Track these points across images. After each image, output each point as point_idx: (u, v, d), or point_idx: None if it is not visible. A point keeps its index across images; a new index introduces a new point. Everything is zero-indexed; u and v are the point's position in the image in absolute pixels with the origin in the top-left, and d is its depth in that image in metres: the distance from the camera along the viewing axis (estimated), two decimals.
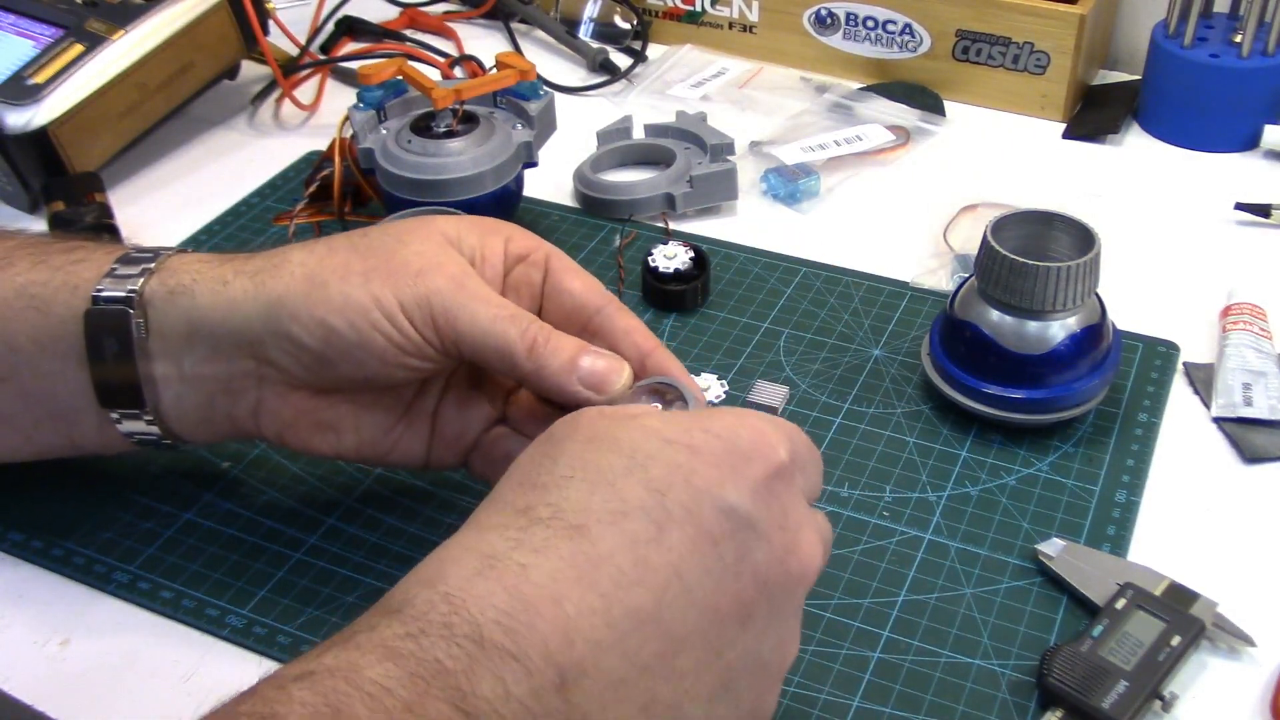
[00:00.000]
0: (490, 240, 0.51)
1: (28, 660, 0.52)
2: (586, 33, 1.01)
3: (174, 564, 0.56)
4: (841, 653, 0.51)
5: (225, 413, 0.51)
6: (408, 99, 0.77)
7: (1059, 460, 0.59)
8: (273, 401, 0.51)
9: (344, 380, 0.50)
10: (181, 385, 0.51)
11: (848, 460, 0.60)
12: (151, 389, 0.51)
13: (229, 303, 0.49)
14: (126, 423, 0.52)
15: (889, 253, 0.74)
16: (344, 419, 0.51)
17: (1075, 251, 0.59)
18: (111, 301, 0.50)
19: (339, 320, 0.47)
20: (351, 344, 0.48)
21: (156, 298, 0.50)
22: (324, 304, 0.48)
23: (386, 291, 0.47)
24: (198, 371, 0.50)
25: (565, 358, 0.48)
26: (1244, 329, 0.65)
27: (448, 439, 0.53)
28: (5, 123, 0.76)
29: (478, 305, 0.48)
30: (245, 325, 0.49)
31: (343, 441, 0.52)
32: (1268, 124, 0.82)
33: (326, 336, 0.48)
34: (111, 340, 0.50)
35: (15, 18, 0.81)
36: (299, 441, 0.52)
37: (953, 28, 0.88)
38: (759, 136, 0.86)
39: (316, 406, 0.51)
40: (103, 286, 0.50)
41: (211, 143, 0.90)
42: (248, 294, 0.49)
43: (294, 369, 0.49)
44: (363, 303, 0.47)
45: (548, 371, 0.47)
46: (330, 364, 0.49)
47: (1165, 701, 0.47)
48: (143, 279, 0.50)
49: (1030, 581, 0.54)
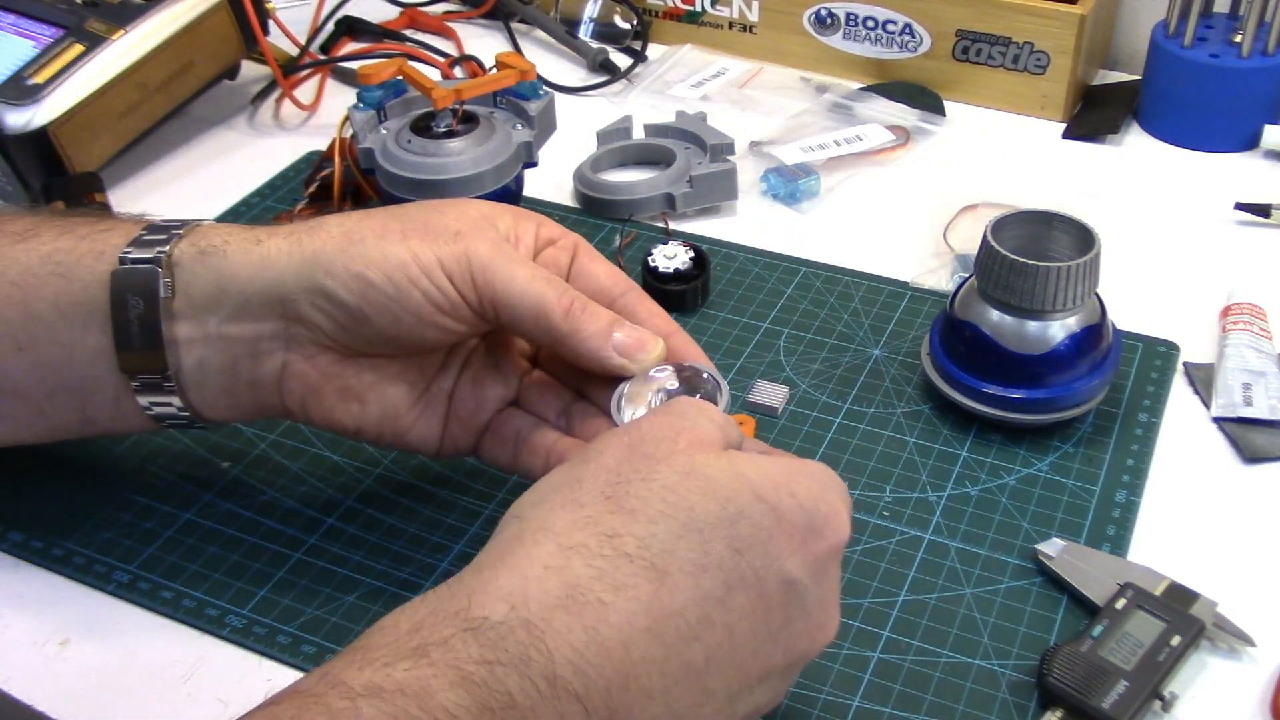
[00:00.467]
0: (522, 223, 0.52)
1: (28, 660, 0.52)
2: (586, 33, 1.01)
3: (174, 564, 0.56)
4: (841, 653, 0.51)
5: (248, 379, 0.50)
6: (408, 99, 0.77)
7: (1059, 460, 0.59)
8: (299, 364, 0.50)
9: (376, 339, 0.49)
10: (205, 348, 0.50)
11: (848, 460, 0.60)
12: (174, 352, 0.50)
13: (262, 259, 0.49)
14: (145, 394, 0.51)
15: (889, 253, 0.75)
16: (369, 389, 0.51)
17: (1075, 251, 0.59)
18: (139, 262, 0.49)
19: (377, 274, 0.47)
20: (388, 298, 0.48)
21: (186, 258, 0.50)
22: (362, 259, 0.48)
23: (425, 249, 0.48)
24: (223, 331, 0.50)
25: (602, 324, 0.48)
26: (1244, 329, 0.65)
27: (462, 419, 0.53)
28: (5, 123, 0.76)
29: (515, 267, 0.48)
30: (277, 281, 0.49)
31: (366, 413, 0.51)
32: (1268, 124, 0.82)
33: (363, 291, 0.48)
34: (136, 300, 0.49)
35: (15, 18, 0.81)
36: (322, 412, 0.51)
37: (953, 28, 0.88)
38: (759, 136, 0.86)
39: (343, 371, 0.50)
40: (129, 251, 0.50)
41: (211, 143, 0.90)
42: (282, 251, 0.49)
43: (326, 326, 0.49)
44: (401, 258, 0.47)
45: (584, 334, 0.48)
46: (365, 321, 0.48)
47: (1165, 701, 0.47)
48: (171, 243, 0.50)
49: (1030, 581, 0.54)
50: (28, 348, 0.51)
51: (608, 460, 0.41)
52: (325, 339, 0.49)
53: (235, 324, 0.50)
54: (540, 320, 0.48)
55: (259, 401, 0.51)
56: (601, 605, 0.37)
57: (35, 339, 0.50)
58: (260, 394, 0.51)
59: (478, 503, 0.58)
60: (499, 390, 0.53)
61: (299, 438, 0.62)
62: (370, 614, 0.53)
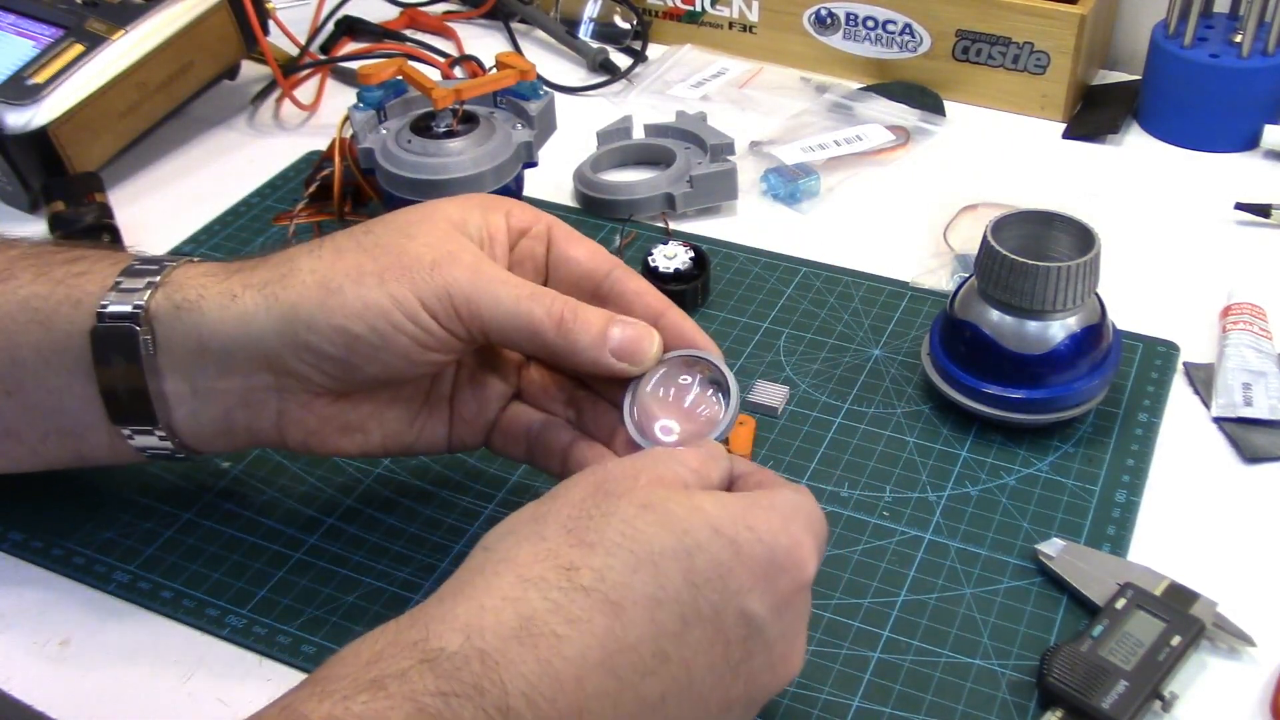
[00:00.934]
0: (492, 217, 0.51)
1: (28, 660, 0.52)
2: (586, 33, 1.01)
3: (174, 564, 0.56)
4: (841, 653, 0.51)
5: (245, 425, 0.51)
6: (408, 99, 0.77)
7: (1059, 460, 0.59)
8: (295, 411, 0.50)
9: (368, 381, 0.49)
10: (195, 401, 0.50)
11: (848, 460, 0.60)
12: (163, 405, 0.50)
13: (239, 317, 0.48)
14: (139, 438, 0.51)
15: (889, 253, 0.74)
16: (368, 419, 0.51)
17: (1075, 251, 0.59)
18: (117, 318, 0.49)
19: (359, 326, 0.47)
20: (375, 347, 0.47)
21: (163, 313, 0.49)
22: (341, 310, 0.47)
23: (404, 290, 0.47)
24: (211, 386, 0.49)
25: (596, 331, 0.48)
26: (1244, 329, 0.65)
27: (467, 420, 0.53)
28: (5, 123, 0.76)
29: (498, 288, 0.48)
30: (259, 340, 0.48)
31: (369, 440, 0.51)
32: (1268, 124, 0.82)
33: (349, 343, 0.47)
34: (119, 358, 0.49)
35: (15, 18, 0.81)
36: (325, 446, 0.51)
37: (953, 28, 0.88)
38: (759, 136, 0.86)
39: (340, 410, 0.50)
40: (107, 301, 0.49)
41: (211, 143, 0.90)
42: (259, 308, 0.48)
43: (315, 377, 0.48)
44: (382, 305, 0.47)
45: (580, 347, 0.48)
46: (354, 368, 0.48)
47: (1165, 701, 0.47)
48: (148, 293, 0.49)
49: (1030, 581, 0.54)
50: (15, 392, 0.51)
51: (574, 496, 0.41)
52: (316, 387, 0.49)
53: (222, 380, 0.49)
54: (534, 339, 0.48)
55: (257, 441, 0.52)
56: (556, 638, 0.37)
57: (22, 384, 0.50)
58: (258, 437, 0.51)
59: (478, 503, 0.58)
60: (499, 387, 0.53)
61: None
62: (370, 614, 0.53)
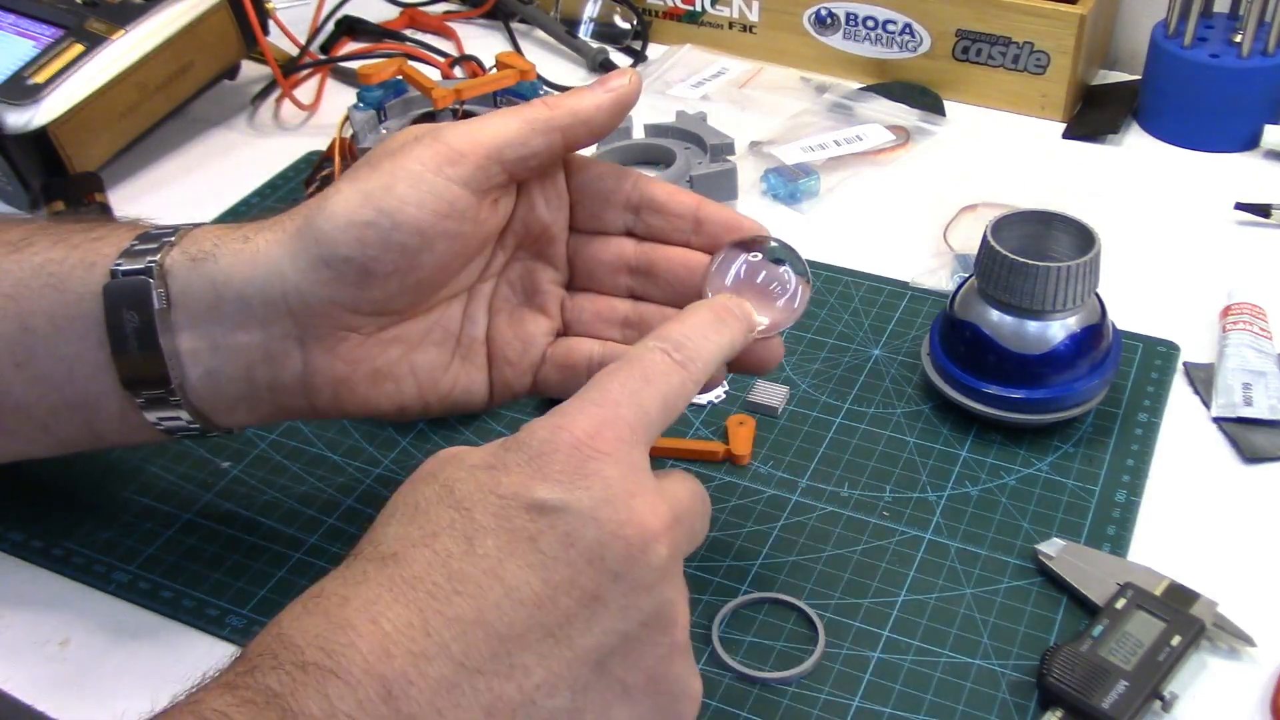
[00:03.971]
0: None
1: (28, 660, 0.52)
2: (586, 33, 1.01)
3: (174, 564, 0.56)
4: (841, 653, 0.51)
5: (268, 384, 0.49)
6: (408, 99, 0.77)
7: (1059, 460, 0.59)
8: (320, 359, 0.48)
9: (391, 290, 0.47)
10: (214, 359, 0.48)
11: (848, 460, 0.60)
12: (178, 366, 0.48)
13: (253, 255, 0.47)
14: (151, 409, 0.49)
15: (889, 253, 0.75)
16: (398, 363, 0.49)
17: (1075, 251, 0.59)
18: (130, 274, 0.48)
19: (367, 212, 0.46)
20: (385, 230, 0.46)
21: (178, 266, 0.48)
22: (344, 205, 0.46)
23: (402, 163, 0.46)
24: (230, 341, 0.48)
25: (581, 92, 0.49)
26: (1244, 329, 0.65)
27: (512, 361, 0.52)
28: (5, 123, 0.76)
29: (480, 119, 0.48)
30: (274, 274, 0.47)
31: (402, 389, 0.50)
32: (1268, 124, 0.82)
33: (359, 235, 0.46)
34: (132, 314, 0.47)
35: (15, 18, 0.81)
36: (357, 401, 0.49)
37: (953, 28, 0.88)
38: (759, 136, 0.86)
39: (368, 354, 0.49)
40: (121, 262, 0.48)
41: (211, 143, 0.90)
42: (270, 242, 0.47)
43: (337, 298, 0.47)
44: (381, 185, 0.46)
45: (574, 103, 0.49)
46: (371, 273, 0.46)
47: (1165, 701, 0.47)
48: (163, 250, 0.48)
49: (1030, 581, 0.54)
50: (25, 363, 0.49)
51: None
52: (341, 321, 0.48)
53: (242, 332, 0.48)
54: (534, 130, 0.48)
55: (281, 405, 0.50)
56: (342, 599, 0.37)
57: (33, 354, 0.49)
58: (282, 398, 0.49)
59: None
60: (543, 324, 0.52)
61: (299, 438, 0.62)
62: None
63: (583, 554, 0.38)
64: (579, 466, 0.39)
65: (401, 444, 0.62)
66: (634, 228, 0.52)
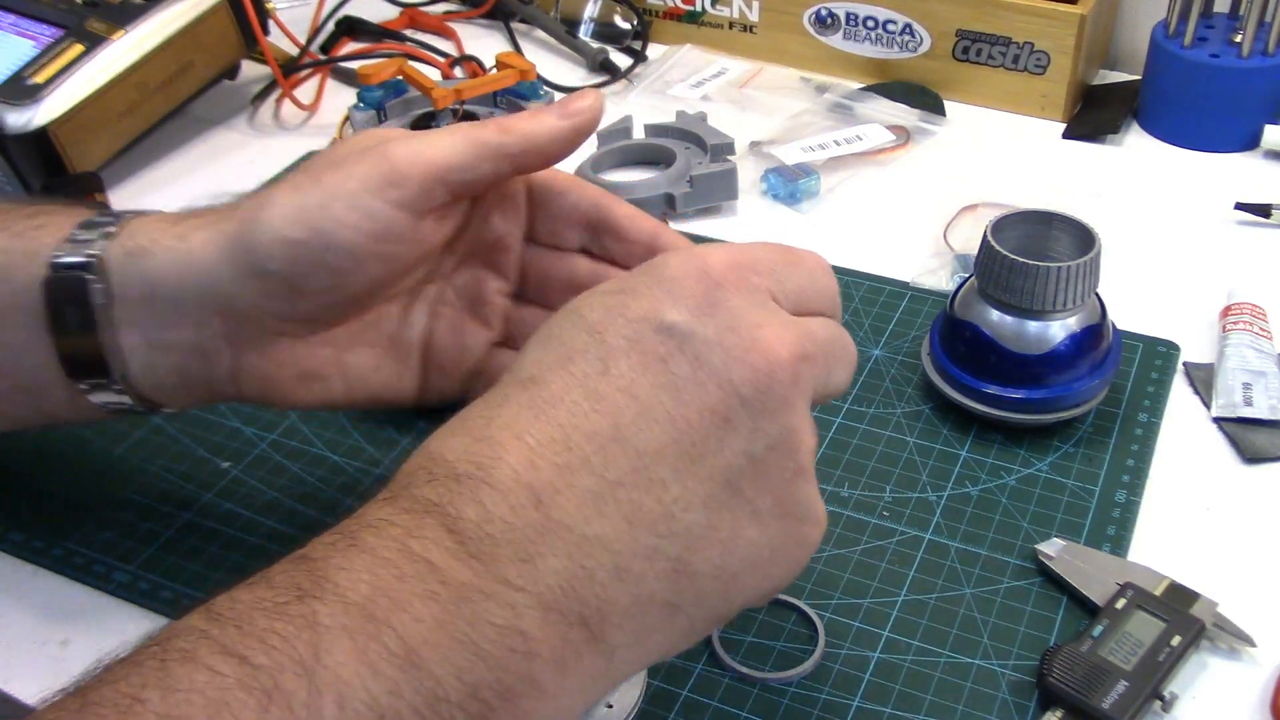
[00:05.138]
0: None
1: (28, 660, 0.52)
2: (586, 33, 1.01)
3: (174, 564, 0.56)
4: (841, 653, 0.51)
5: (202, 377, 0.49)
6: (408, 99, 0.77)
7: (1059, 460, 0.59)
8: (249, 359, 0.49)
9: (322, 304, 0.48)
10: (150, 353, 0.48)
11: (848, 460, 0.60)
12: (118, 358, 0.48)
13: (187, 256, 0.47)
14: (97, 394, 0.50)
15: (889, 253, 0.75)
16: (327, 364, 0.50)
17: (1075, 251, 0.59)
18: (70, 268, 0.48)
19: (298, 230, 0.46)
20: (318, 251, 0.46)
21: (115, 261, 0.48)
22: (279, 219, 0.46)
23: (336, 182, 0.46)
24: (164, 338, 0.48)
25: (533, 114, 0.49)
26: (1244, 329, 0.65)
27: (444, 367, 0.52)
28: (5, 123, 0.76)
29: (430, 137, 0.48)
30: (206, 277, 0.47)
31: (330, 389, 0.50)
32: (1268, 124, 0.82)
33: (290, 253, 0.46)
34: (73, 309, 0.48)
35: (15, 18, 0.81)
36: (284, 397, 0.50)
37: (953, 28, 0.88)
38: (759, 136, 0.86)
39: (296, 356, 0.49)
40: (60, 252, 0.48)
41: (211, 143, 0.90)
42: (204, 244, 0.47)
43: (268, 307, 0.47)
44: (318, 202, 0.46)
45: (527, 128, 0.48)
46: (300, 290, 0.47)
47: (1165, 701, 0.47)
48: (102, 243, 0.48)
49: (1030, 581, 0.54)
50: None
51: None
52: (271, 326, 0.48)
53: (173, 330, 0.48)
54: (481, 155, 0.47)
55: (217, 394, 0.51)
56: (485, 420, 0.38)
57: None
58: (216, 388, 0.50)
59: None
60: (481, 335, 0.53)
61: (299, 438, 0.62)
62: None
63: (711, 377, 0.39)
64: (706, 293, 0.40)
65: (402, 444, 0.62)
66: (590, 247, 0.53)
